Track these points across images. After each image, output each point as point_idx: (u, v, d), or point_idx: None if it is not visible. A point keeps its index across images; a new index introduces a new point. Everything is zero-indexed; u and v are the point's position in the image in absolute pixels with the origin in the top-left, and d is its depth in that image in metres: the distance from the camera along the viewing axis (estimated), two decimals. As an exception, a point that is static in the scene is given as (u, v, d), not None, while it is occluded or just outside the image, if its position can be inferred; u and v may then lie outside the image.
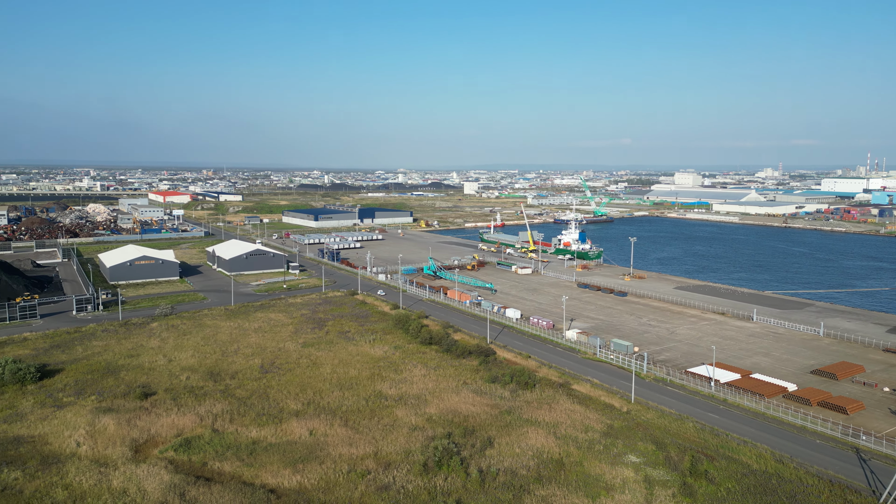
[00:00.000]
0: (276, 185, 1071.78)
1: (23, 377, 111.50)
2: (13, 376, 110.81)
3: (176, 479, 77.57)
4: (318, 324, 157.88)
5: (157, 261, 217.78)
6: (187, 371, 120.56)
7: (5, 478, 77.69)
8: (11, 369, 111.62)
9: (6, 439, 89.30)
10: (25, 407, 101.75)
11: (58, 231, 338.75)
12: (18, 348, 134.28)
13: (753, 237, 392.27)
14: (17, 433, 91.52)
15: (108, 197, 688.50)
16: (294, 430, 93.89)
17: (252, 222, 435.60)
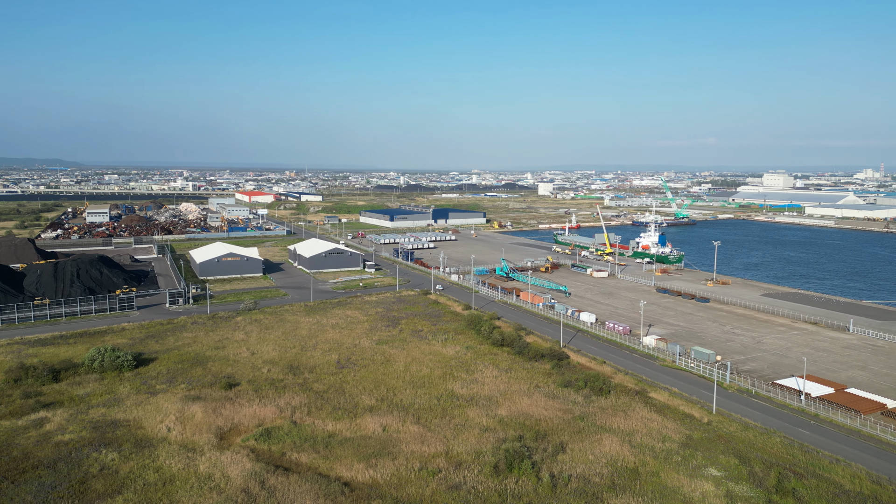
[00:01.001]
0: (354, 185, 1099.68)
1: (121, 364, 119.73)
2: (112, 363, 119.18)
3: (257, 467, 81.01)
4: (392, 322, 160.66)
5: (243, 258, 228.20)
6: (269, 364, 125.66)
7: (104, 458, 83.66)
8: (111, 357, 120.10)
9: (105, 422, 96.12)
10: (122, 392, 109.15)
11: (154, 228, 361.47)
12: (117, 337, 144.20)
13: (851, 243, 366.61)
14: (115, 417, 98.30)
15: (199, 196, 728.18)
16: (368, 425, 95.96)
17: (331, 222, 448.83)
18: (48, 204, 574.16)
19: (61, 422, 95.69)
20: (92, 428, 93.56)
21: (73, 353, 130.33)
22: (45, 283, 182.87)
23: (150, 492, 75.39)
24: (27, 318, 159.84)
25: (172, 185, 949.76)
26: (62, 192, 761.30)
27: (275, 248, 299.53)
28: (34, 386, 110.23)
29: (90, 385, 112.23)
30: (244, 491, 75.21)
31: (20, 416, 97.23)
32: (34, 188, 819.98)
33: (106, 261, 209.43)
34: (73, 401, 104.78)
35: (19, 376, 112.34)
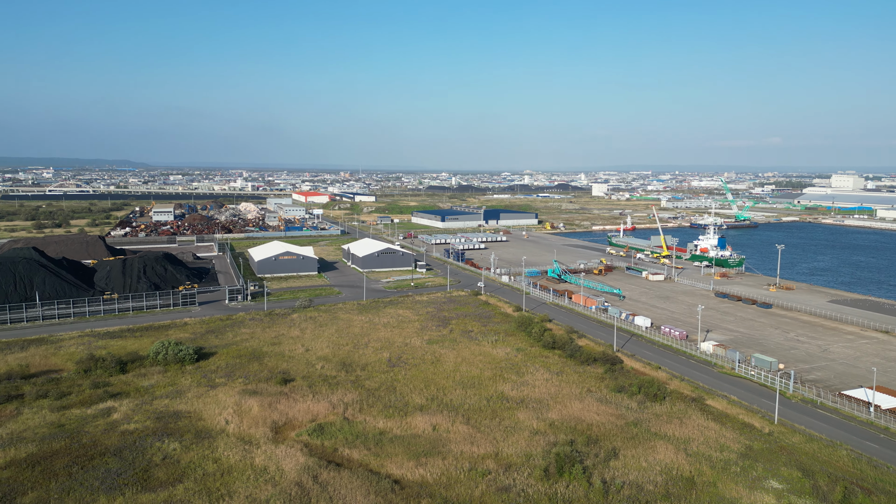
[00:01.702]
0: (406, 186, 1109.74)
1: (183, 358, 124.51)
2: (175, 357, 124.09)
3: (310, 461, 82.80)
4: (442, 322, 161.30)
5: (299, 256, 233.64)
6: (322, 361, 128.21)
7: (166, 448, 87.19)
8: (174, 350, 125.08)
9: (168, 413, 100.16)
10: (184, 385, 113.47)
11: (215, 227, 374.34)
12: (180, 332, 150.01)
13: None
14: (177, 408, 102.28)
15: (258, 196, 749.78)
16: (418, 424, 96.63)
17: (384, 222, 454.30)
18: (117, 203, 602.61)
19: (127, 411, 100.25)
20: (156, 418, 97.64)
21: (139, 345, 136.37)
22: (114, 279, 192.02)
23: (209, 481, 78.11)
24: (97, 311, 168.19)
25: (233, 185, 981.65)
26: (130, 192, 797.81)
27: (329, 248, 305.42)
28: (103, 376, 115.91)
29: (154, 377, 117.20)
30: (298, 485, 76.98)
31: (89, 405, 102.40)
32: (105, 188, 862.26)
33: (170, 258, 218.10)
34: (139, 392, 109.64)
35: (89, 367, 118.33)
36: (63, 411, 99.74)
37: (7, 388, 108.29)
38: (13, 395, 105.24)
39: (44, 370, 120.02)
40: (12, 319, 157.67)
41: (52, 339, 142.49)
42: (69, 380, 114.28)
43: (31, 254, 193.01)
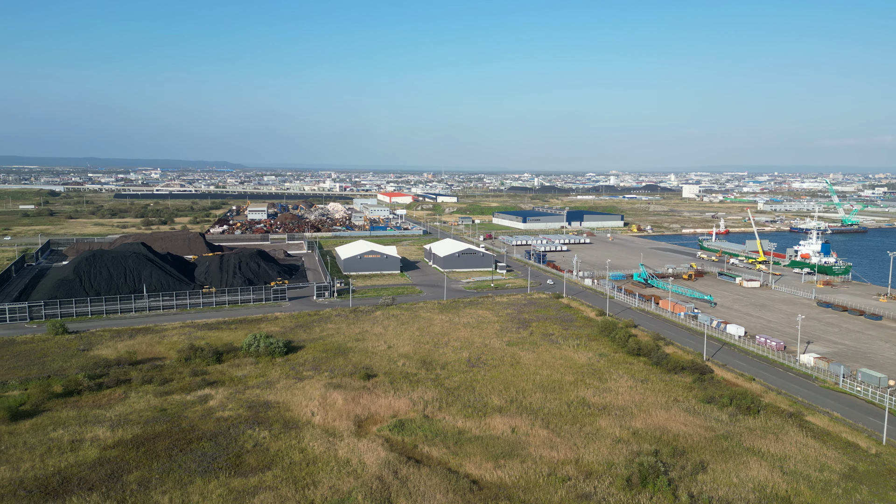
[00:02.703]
0: (488, 187, 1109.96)
1: (273, 350, 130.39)
2: (266, 349, 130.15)
3: (391, 456, 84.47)
4: (522, 324, 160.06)
5: (382, 255, 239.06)
6: (403, 358, 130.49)
7: (257, 436, 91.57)
8: (265, 343, 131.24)
9: (259, 402, 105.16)
10: (274, 376, 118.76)
11: (305, 226, 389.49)
12: (270, 325, 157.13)
13: None
14: (267, 398, 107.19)
15: (345, 197, 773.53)
16: (497, 425, 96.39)
17: (465, 223, 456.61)
18: (216, 202, 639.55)
19: (222, 399, 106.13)
20: (247, 407, 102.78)
21: (234, 337, 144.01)
22: (212, 274, 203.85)
23: (295, 470, 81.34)
24: (197, 304, 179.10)
25: (322, 185, 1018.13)
26: (228, 192, 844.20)
27: (412, 247, 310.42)
28: (201, 365, 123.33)
29: (247, 368, 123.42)
30: (378, 479, 78.72)
31: (189, 392, 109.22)
32: (205, 188, 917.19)
33: (263, 255, 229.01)
34: (233, 381, 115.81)
35: (189, 356, 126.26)
36: (165, 396, 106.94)
37: (117, 373, 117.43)
38: (122, 380, 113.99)
39: (149, 357, 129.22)
40: (122, 309, 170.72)
41: (157, 328, 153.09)
42: (171, 367, 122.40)
43: (140, 249, 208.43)
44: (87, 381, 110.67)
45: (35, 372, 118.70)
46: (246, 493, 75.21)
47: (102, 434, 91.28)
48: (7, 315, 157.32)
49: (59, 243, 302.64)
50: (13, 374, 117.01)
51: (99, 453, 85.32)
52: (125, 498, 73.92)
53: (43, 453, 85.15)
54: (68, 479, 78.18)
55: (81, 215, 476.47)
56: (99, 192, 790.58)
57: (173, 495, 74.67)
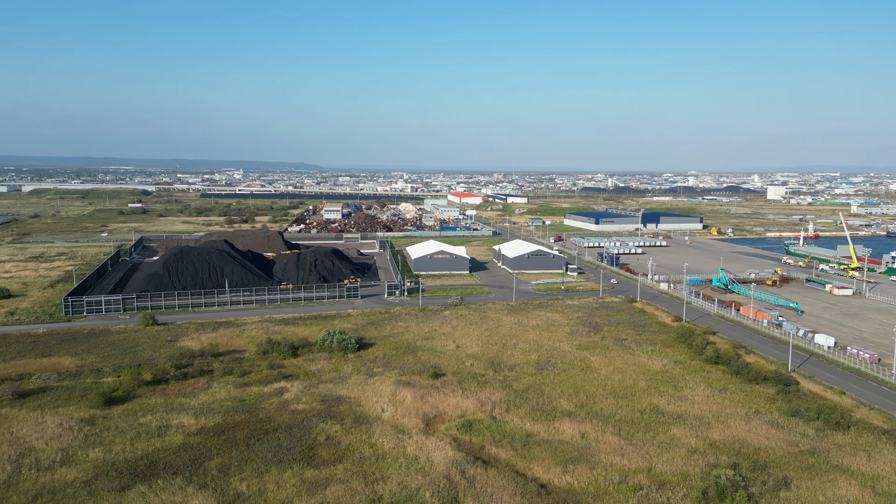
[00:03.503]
0: (559, 188, 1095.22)
1: (346, 347, 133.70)
2: (339, 345, 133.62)
3: (458, 456, 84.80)
4: (593, 328, 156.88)
5: (452, 256, 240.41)
6: (472, 358, 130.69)
7: (329, 429, 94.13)
8: (339, 339, 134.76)
9: (331, 397, 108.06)
10: (346, 372, 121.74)
11: (377, 226, 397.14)
12: (343, 322, 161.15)
13: None
14: (339, 393, 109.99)
15: (416, 197, 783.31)
16: (566, 430, 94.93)
17: (535, 224, 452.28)
18: (294, 202, 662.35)
19: (297, 392, 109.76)
20: (321, 400, 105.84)
21: (309, 332, 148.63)
22: (289, 271, 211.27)
23: (365, 465, 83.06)
24: (274, 299, 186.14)
25: (394, 186, 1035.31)
26: (305, 192, 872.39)
27: (481, 248, 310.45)
28: (277, 359, 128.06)
29: (321, 362, 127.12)
30: (446, 477, 79.19)
31: (266, 384, 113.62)
32: (284, 188, 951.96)
33: (337, 253, 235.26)
34: (307, 375, 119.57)
35: (267, 350, 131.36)
36: (244, 388, 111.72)
37: (200, 363, 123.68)
38: (205, 371, 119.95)
39: (230, 350, 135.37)
40: (206, 303, 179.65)
41: (238, 322, 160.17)
42: (250, 360, 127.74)
43: (223, 246, 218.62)
44: (173, 371, 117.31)
45: (127, 360, 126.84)
46: (318, 485, 77.45)
47: (187, 421, 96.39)
48: (104, 306, 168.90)
49: (151, 240, 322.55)
50: (108, 362, 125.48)
51: (183, 439, 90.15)
52: (206, 483, 77.73)
53: (133, 437, 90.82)
54: (155, 463, 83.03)
55: (170, 213, 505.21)
56: (186, 192, 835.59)
57: (251, 483, 77.89)
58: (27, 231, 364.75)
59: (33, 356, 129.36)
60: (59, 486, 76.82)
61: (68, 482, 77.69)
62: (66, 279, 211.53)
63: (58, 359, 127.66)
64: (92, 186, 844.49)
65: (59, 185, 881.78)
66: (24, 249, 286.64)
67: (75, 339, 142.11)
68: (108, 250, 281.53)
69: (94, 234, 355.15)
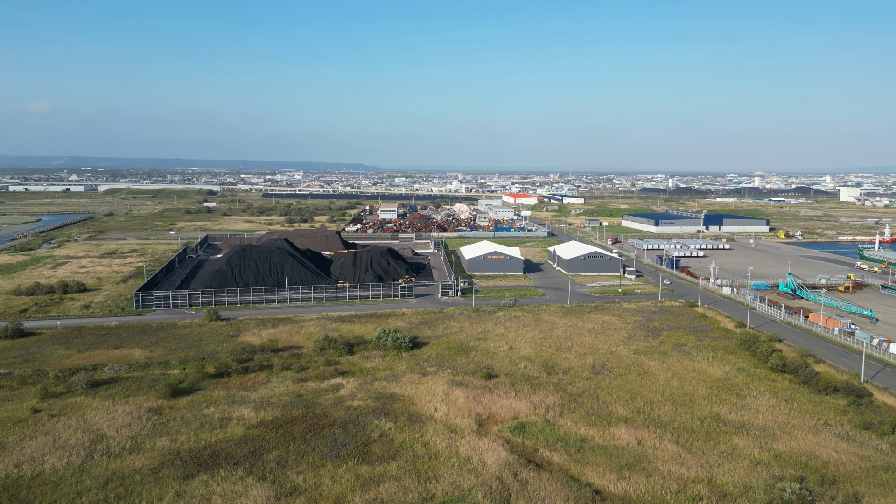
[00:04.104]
0: (617, 188, 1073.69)
1: (400, 345, 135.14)
2: (393, 343, 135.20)
3: (511, 458, 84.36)
4: (651, 332, 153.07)
5: (506, 256, 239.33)
6: (525, 360, 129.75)
7: (383, 426, 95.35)
8: (393, 337, 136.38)
9: (385, 394, 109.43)
10: (400, 370, 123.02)
11: (432, 226, 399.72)
12: (398, 321, 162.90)
13: None
14: (393, 391, 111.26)
15: (470, 198, 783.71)
16: (622, 435, 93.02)
17: (591, 225, 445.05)
18: (351, 202, 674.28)
19: (352, 389, 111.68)
20: (375, 398, 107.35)
21: (364, 330, 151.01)
22: (346, 269, 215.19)
23: (418, 463, 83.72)
24: (331, 297, 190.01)
25: (448, 187, 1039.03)
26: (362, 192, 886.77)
27: (535, 249, 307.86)
28: (334, 356, 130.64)
29: (375, 360, 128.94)
30: (499, 479, 78.91)
31: (322, 380, 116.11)
32: (342, 188, 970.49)
33: (392, 253, 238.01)
34: (362, 372, 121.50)
35: (324, 346, 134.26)
36: (302, 383, 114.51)
37: (261, 358, 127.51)
38: (265, 365, 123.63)
39: (288, 346, 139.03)
40: (266, 300, 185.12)
41: (296, 319, 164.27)
42: (308, 356, 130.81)
43: (283, 245, 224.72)
44: (235, 365, 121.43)
45: (192, 354, 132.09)
46: (372, 481, 78.59)
47: (247, 414, 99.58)
48: (171, 301, 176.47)
49: (215, 238, 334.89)
50: (174, 355, 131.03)
51: (244, 431, 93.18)
52: (265, 475, 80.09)
53: (197, 428, 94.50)
54: (217, 453, 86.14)
55: (234, 213, 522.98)
56: (249, 192, 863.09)
57: (307, 476, 79.76)
58: (102, 228, 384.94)
59: (106, 347, 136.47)
60: (128, 472, 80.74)
61: (136, 469, 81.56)
62: (137, 275, 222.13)
63: (128, 350, 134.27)
64: (161, 186, 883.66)
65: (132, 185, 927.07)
66: (99, 246, 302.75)
67: (145, 333, 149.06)
68: (176, 248, 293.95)
69: (163, 232, 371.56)
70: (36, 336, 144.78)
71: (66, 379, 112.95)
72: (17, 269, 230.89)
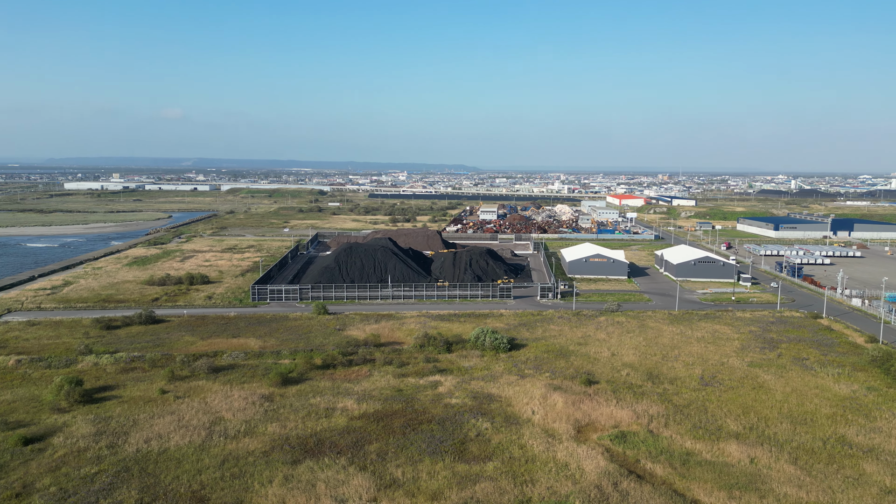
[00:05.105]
0: (732, 190, 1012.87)
1: (497, 346, 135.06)
2: (491, 344, 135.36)
3: (611, 467, 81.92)
4: (768, 344, 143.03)
5: (609, 259, 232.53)
6: (627, 367, 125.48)
7: (479, 426, 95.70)
8: (491, 338, 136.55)
9: (482, 394, 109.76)
10: (497, 370, 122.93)
11: (531, 227, 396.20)
12: (496, 321, 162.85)
13: None
14: (490, 391, 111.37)
15: (572, 199, 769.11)
16: (732, 452, 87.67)
17: (703, 228, 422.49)
18: (452, 202, 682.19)
19: (450, 387, 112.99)
20: (472, 397, 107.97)
21: (462, 329, 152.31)
22: (446, 269, 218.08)
23: (514, 465, 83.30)
24: (431, 296, 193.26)
25: (550, 187, 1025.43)
26: (463, 193, 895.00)
27: (641, 253, 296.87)
28: (433, 353, 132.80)
29: (473, 360, 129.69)
30: (597, 487, 76.89)
31: (421, 377, 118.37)
32: (443, 189, 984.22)
33: (492, 253, 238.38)
34: (460, 370, 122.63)
35: (423, 343, 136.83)
36: (402, 378, 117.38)
37: (364, 352, 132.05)
38: (368, 359, 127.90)
39: (390, 341, 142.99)
40: (370, 296, 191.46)
41: (398, 315, 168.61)
42: (408, 352, 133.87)
43: (387, 243, 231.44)
44: (340, 358, 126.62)
45: (301, 345, 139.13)
46: (468, 480, 79.11)
47: (350, 405, 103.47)
48: (283, 295, 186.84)
49: (325, 235, 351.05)
50: (285, 346, 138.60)
51: (347, 422, 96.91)
52: (366, 466, 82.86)
53: (304, 416, 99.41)
54: (322, 442, 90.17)
55: (342, 212, 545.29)
56: (356, 192, 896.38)
57: (405, 470, 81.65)
58: (224, 225, 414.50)
59: (225, 336, 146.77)
60: (242, 454, 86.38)
61: (249, 451, 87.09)
62: (253, 269, 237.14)
63: (245, 340, 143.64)
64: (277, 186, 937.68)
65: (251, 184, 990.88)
66: (221, 241, 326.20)
67: (259, 323, 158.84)
68: (289, 244, 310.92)
69: (277, 230, 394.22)
70: (165, 323, 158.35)
71: (190, 364, 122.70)
72: (150, 261, 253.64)
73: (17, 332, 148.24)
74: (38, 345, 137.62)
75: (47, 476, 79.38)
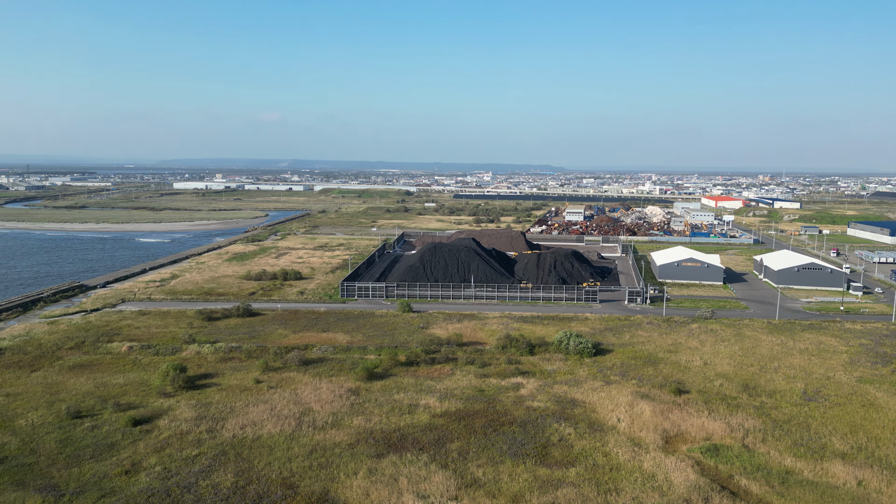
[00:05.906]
0: (842, 192, 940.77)
1: (582, 350, 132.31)
2: (576, 348, 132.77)
3: (701, 481, 78.29)
4: (881, 358, 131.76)
5: (703, 264, 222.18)
6: (721, 378, 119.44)
7: (562, 430, 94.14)
8: (575, 342, 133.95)
9: (565, 399, 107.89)
10: (581, 375, 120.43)
11: (620, 229, 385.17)
12: (580, 325, 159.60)
13: None
14: (574, 396, 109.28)
15: (664, 200, 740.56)
16: (837, 472, 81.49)
17: (808, 232, 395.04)
18: (537, 203, 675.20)
19: (532, 390, 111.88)
20: (555, 401, 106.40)
21: (545, 332, 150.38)
22: (529, 270, 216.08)
23: (598, 472, 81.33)
24: (514, 297, 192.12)
25: (640, 188, 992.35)
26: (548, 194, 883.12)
27: (738, 257, 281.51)
28: (515, 355, 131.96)
29: (556, 363, 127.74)
30: (686, 501, 73.71)
31: (503, 378, 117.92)
32: (528, 190, 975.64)
33: (577, 255, 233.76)
34: (543, 374, 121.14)
35: (505, 344, 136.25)
36: (484, 378, 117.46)
37: (447, 351, 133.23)
38: (450, 358, 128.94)
39: (472, 341, 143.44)
40: (453, 296, 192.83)
41: (480, 315, 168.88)
42: (490, 353, 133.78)
43: (471, 244, 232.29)
44: (423, 355, 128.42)
45: (387, 342, 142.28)
46: (550, 484, 78.04)
47: (432, 403, 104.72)
48: (370, 292, 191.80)
49: (410, 235, 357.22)
50: (371, 342, 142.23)
51: (429, 419, 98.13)
52: (447, 463, 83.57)
53: (388, 411, 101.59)
54: (405, 437, 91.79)
55: (427, 212, 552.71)
56: (441, 193, 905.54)
57: (486, 470, 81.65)
58: (316, 224, 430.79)
59: (315, 330, 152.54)
60: (329, 445, 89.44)
61: (336, 443, 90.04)
62: (342, 266, 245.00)
63: (334, 334, 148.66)
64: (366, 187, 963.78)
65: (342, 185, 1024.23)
66: (313, 239, 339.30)
67: (347, 319, 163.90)
68: (376, 243, 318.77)
69: (366, 229, 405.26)
70: (261, 316, 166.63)
71: (282, 356, 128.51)
72: (248, 258, 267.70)
73: (129, 320, 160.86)
74: (147, 333, 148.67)
75: (153, 456, 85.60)
